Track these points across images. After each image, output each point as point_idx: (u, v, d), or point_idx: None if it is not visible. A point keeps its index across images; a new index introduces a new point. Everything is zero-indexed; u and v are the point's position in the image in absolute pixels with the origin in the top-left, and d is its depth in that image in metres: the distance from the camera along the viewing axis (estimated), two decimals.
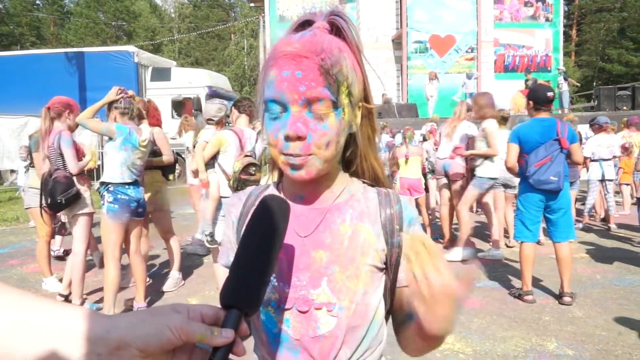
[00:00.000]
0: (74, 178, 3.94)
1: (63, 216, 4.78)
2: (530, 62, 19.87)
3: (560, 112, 15.02)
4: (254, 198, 0.96)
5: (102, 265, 4.30)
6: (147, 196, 4.41)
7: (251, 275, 0.64)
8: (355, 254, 0.86)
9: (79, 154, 4.18)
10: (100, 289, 4.55)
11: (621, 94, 15.99)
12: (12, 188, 11.01)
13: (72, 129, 4.09)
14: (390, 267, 0.89)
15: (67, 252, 5.54)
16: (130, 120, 3.85)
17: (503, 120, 6.27)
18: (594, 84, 30.77)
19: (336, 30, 0.84)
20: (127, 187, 3.75)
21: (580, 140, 6.52)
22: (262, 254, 0.66)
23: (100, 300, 4.22)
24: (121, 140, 3.69)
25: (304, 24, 0.86)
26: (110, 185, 3.70)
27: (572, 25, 36.12)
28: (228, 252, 0.99)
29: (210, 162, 3.90)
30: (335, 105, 0.80)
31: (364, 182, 0.95)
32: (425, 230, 3.15)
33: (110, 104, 3.84)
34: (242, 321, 0.60)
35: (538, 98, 4.15)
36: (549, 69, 19.92)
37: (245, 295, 0.62)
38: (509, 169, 4.26)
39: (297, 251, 0.87)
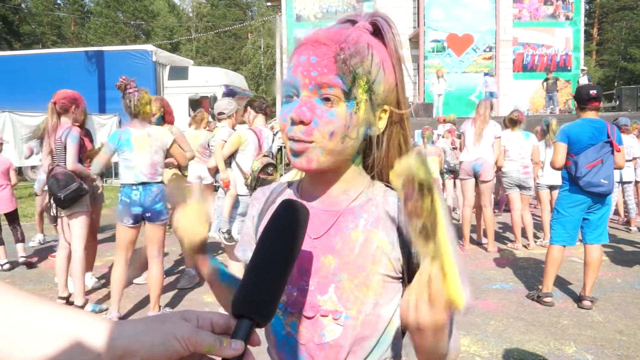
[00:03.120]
0: (75, 174, 3.86)
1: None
2: (549, 61, 19.55)
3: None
4: (276, 195, 0.95)
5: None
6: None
7: (265, 284, 0.60)
8: (365, 262, 0.82)
9: (84, 150, 4.09)
10: (100, 289, 4.65)
11: None
12: (32, 184, 11.19)
13: (78, 122, 4.07)
14: (410, 278, 0.83)
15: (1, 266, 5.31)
16: (133, 118, 3.67)
17: (512, 122, 6.17)
18: (616, 83, 30.18)
19: (377, 31, 0.84)
20: (132, 188, 3.60)
21: None
22: (277, 262, 0.63)
23: (102, 301, 4.27)
24: (114, 148, 3.63)
25: (346, 23, 0.85)
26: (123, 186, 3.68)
27: (593, 24, 35.49)
28: (245, 245, 0.98)
29: (227, 161, 3.92)
30: (347, 96, 0.77)
31: (387, 186, 0.89)
32: None
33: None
34: (253, 331, 0.58)
35: (580, 97, 4.07)
36: (569, 68, 19.58)
37: (258, 305, 0.59)
38: (557, 169, 4.12)
39: (307, 254, 0.84)
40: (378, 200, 0.87)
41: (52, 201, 3.90)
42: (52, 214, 4.02)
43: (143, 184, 3.60)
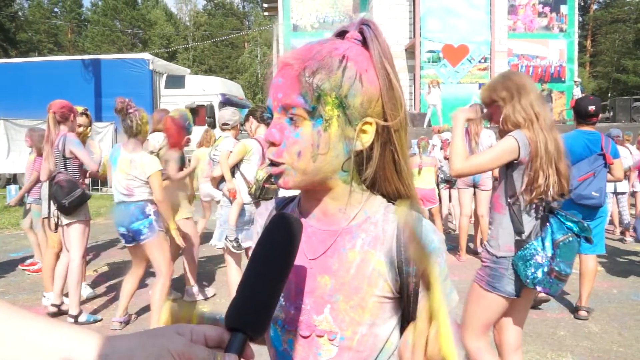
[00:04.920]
0: (78, 180, 3.88)
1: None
2: (544, 72, 19.73)
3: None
4: (279, 209, 0.95)
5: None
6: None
7: (259, 298, 0.61)
8: (361, 283, 0.80)
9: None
10: (96, 298, 4.63)
11: (637, 105, 15.84)
12: None
13: (74, 131, 4.09)
14: (408, 297, 0.81)
15: None
16: (132, 138, 3.64)
17: None
18: (609, 95, 30.49)
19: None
20: (115, 205, 3.68)
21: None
22: (270, 276, 0.62)
23: (96, 311, 4.25)
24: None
25: (340, 34, 0.84)
26: None
27: (587, 36, 35.90)
28: None
29: (231, 170, 3.95)
30: (312, 114, 0.75)
31: (388, 202, 0.86)
32: None
33: None
34: (247, 345, 0.58)
35: (579, 112, 4.01)
36: (563, 79, 19.75)
37: (252, 319, 0.59)
38: None
39: (304, 273, 0.83)
40: (377, 218, 0.84)
41: (50, 208, 3.89)
42: (54, 222, 3.96)
43: (122, 202, 3.61)
